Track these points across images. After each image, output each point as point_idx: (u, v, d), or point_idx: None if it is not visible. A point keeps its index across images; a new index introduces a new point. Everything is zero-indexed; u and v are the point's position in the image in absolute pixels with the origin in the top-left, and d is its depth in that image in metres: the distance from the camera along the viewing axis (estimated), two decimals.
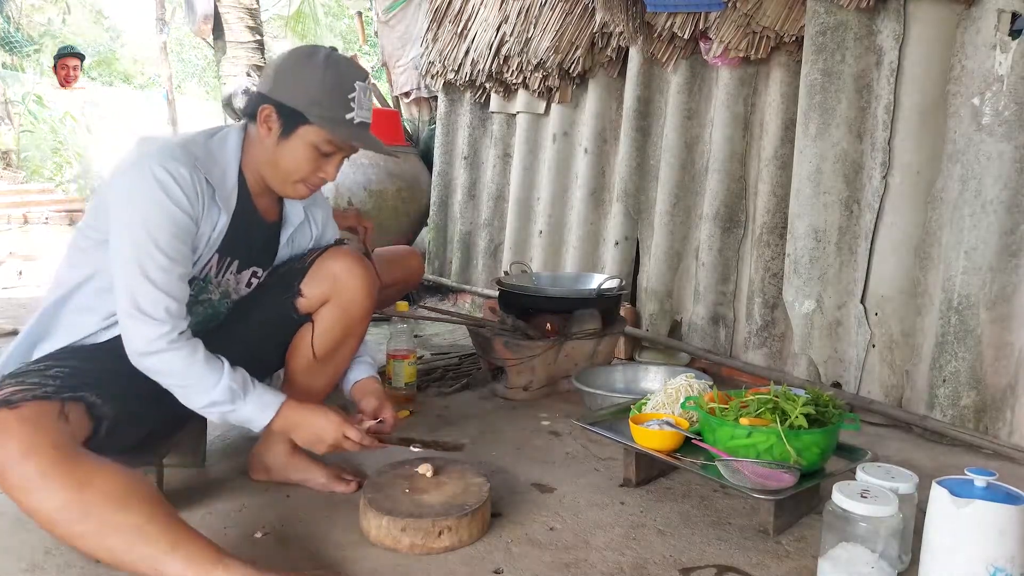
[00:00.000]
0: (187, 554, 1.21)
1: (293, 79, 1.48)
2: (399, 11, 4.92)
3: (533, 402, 2.50)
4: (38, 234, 7.15)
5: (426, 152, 4.60)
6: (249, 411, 1.46)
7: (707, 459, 1.58)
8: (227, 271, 1.61)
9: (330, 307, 1.68)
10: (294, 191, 1.57)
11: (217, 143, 1.53)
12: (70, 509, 1.19)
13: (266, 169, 1.55)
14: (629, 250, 3.21)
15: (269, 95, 1.49)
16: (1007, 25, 2.04)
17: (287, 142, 1.50)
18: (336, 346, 1.72)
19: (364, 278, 1.69)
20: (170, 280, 1.39)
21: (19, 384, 1.32)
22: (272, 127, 1.50)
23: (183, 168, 1.40)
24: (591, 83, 3.40)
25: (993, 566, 1.20)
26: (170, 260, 1.39)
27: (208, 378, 1.41)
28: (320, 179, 1.56)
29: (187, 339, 1.42)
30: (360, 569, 1.42)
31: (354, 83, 1.50)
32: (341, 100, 1.48)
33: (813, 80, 2.42)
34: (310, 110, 1.47)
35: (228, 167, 1.52)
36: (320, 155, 1.52)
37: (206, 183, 1.45)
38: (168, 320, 1.38)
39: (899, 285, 2.33)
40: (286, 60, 1.52)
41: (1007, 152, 2.05)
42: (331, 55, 1.50)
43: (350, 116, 1.49)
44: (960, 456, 2.09)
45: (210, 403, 1.43)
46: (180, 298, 1.41)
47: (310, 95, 1.46)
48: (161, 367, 1.40)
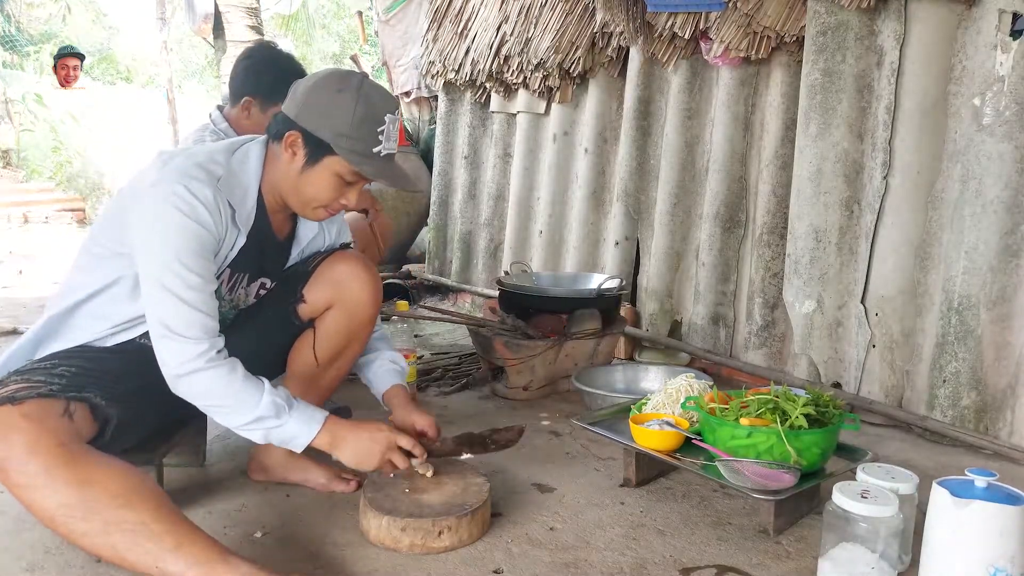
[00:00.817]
0: (190, 552, 1.21)
1: (323, 108, 1.45)
2: (399, 10, 4.92)
3: (533, 402, 2.50)
4: (38, 233, 7.15)
5: (426, 152, 4.60)
6: (295, 426, 1.42)
7: (707, 459, 1.58)
8: (239, 286, 1.61)
9: (334, 312, 1.67)
10: (314, 215, 1.57)
11: (238, 161, 1.50)
12: (74, 506, 1.19)
13: (288, 192, 1.53)
14: (629, 250, 3.21)
15: (297, 121, 1.46)
16: (1008, 25, 2.04)
17: (312, 170, 1.48)
18: (339, 351, 1.71)
19: (368, 282, 1.68)
20: (202, 298, 1.38)
21: (24, 381, 1.31)
22: (298, 153, 1.48)
23: (207, 189, 1.39)
24: (591, 83, 3.40)
25: (993, 566, 1.20)
26: (200, 278, 1.38)
27: (251, 395, 1.39)
28: (341, 205, 1.55)
29: (225, 357, 1.40)
30: (360, 569, 1.42)
31: (384, 116, 1.47)
32: (370, 134, 1.46)
33: (814, 80, 2.42)
34: (338, 142, 1.44)
35: (249, 187, 1.51)
36: (343, 184, 1.50)
37: (228, 205, 1.45)
38: (205, 338, 1.36)
39: (899, 285, 2.33)
40: (317, 86, 1.48)
41: (1007, 152, 2.05)
42: (363, 85, 1.47)
43: (377, 149, 1.47)
44: (960, 456, 2.09)
45: (255, 419, 1.39)
46: (212, 315, 1.40)
47: (339, 128, 1.44)
48: (200, 387, 1.38)
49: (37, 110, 8.82)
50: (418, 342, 3.33)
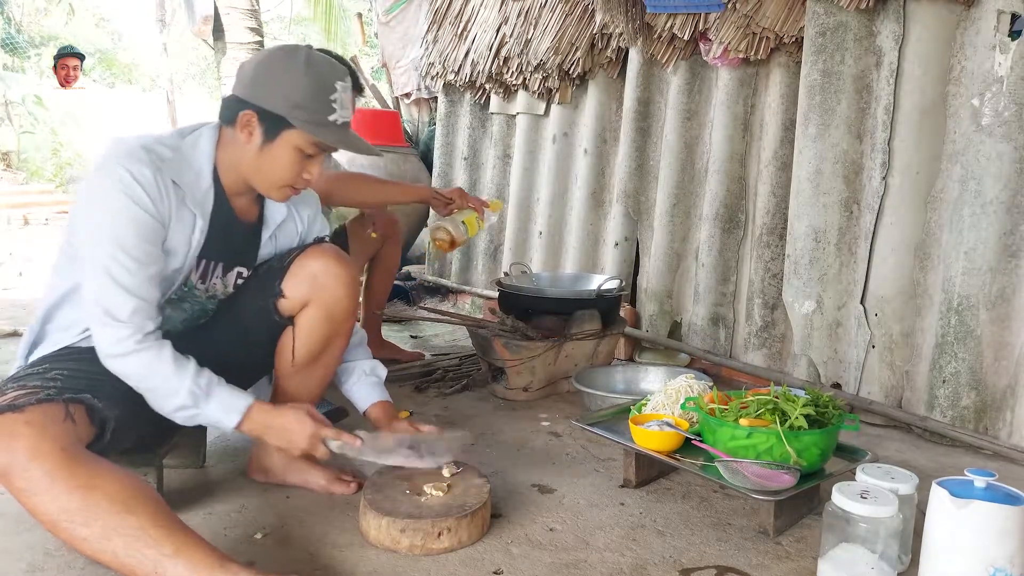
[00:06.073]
0: (189, 558, 1.21)
1: (274, 83, 1.44)
2: (399, 12, 4.93)
3: (533, 403, 2.50)
4: (38, 235, 7.15)
5: (426, 153, 4.60)
6: (214, 414, 1.43)
7: (707, 460, 1.58)
8: (213, 275, 1.59)
9: (312, 309, 1.63)
10: (280, 195, 1.55)
11: (189, 144, 1.50)
12: (75, 511, 1.20)
13: (250, 174, 1.52)
14: (629, 251, 3.21)
15: (248, 99, 1.46)
16: (1007, 26, 2.04)
17: (271, 147, 1.47)
18: (322, 349, 1.69)
19: (343, 277, 1.64)
20: (136, 282, 1.37)
21: (21, 388, 1.32)
22: (254, 132, 1.46)
23: (146, 168, 1.38)
24: (591, 84, 3.40)
25: (993, 566, 1.20)
26: (135, 262, 1.37)
27: (172, 381, 1.39)
28: (305, 180, 1.53)
29: (154, 340, 1.39)
30: (359, 570, 1.42)
31: (335, 83, 1.47)
32: (324, 102, 1.46)
33: (813, 81, 2.42)
34: (294, 114, 1.44)
35: (202, 169, 1.50)
36: (303, 157, 1.49)
37: (172, 184, 1.43)
38: (132, 322, 1.37)
39: (899, 286, 2.33)
40: (264, 63, 1.48)
41: (1007, 153, 2.05)
42: (311, 56, 1.47)
43: (333, 118, 1.47)
44: (960, 457, 2.10)
45: (177, 407, 1.41)
46: (148, 299, 1.39)
47: (293, 99, 1.43)
48: (128, 370, 1.39)
49: (37, 112, 8.83)
50: (418, 343, 3.33)
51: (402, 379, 2.66)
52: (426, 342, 3.37)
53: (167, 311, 1.56)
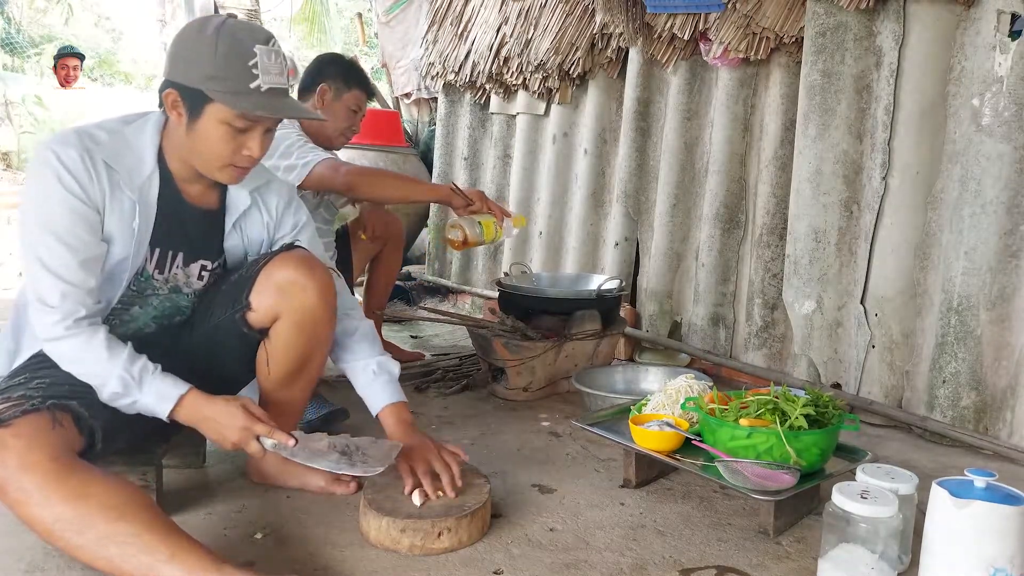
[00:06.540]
0: (185, 562, 1.21)
1: (188, 56, 1.40)
2: (399, 12, 4.93)
3: (533, 403, 2.50)
4: None
5: (426, 153, 4.60)
6: (148, 402, 1.39)
7: (707, 460, 1.58)
8: (173, 266, 1.55)
9: (283, 323, 1.56)
10: (225, 176, 1.49)
11: (134, 130, 1.47)
12: (69, 520, 1.20)
13: (189, 156, 1.47)
14: (629, 251, 3.21)
15: (169, 78, 1.41)
16: (1007, 26, 2.04)
17: (197, 124, 1.41)
18: (301, 362, 1.62)
19: (311, 286, 1.55)
20: (65, 266, 1.35)
21: (6, 400, 1.30)
22: (181, 112, 1.42)
23: (72, 150, 1.36)
24: (591, 84, 3.40)
25: (993, 566, 1.20)
26: (64, 245, 1.34)
27: (105, 367, 1.36)
28: (247, 158, 1.46)
29: (87, 326, 1.37)
30: (360, 570, 1.42)
31: (253, 48, 1.39)
32: (242, 69, 1.38)
33: (813, 81, 2.42)
34: (209, 86, 1.37)
35: (144, 153, 1.46)
36: (236, 132, 1.42)
37: (105, 166, 1.40)
38: (63, 307, 1.35)
39: (899, 286, 2.33)
40: (178, 38, 1.43)
41: (1007, 153, 2.05)
42: (224, 24, 1.40)
43: (255, 84, 1.39)
44: (960, 457, 2.10)
45: (112, 394, 1.37)
46: (79, 285, 1.36)
47: (206, 70, 1.37)
48: (61, 355, 1.38)
49: (37, 112, 8.82)
50: (418, 343, 3.33)
51: (402, 379, 2.61)
52: (426, 342, 3.37)
53: (134, 308, 1.53)
